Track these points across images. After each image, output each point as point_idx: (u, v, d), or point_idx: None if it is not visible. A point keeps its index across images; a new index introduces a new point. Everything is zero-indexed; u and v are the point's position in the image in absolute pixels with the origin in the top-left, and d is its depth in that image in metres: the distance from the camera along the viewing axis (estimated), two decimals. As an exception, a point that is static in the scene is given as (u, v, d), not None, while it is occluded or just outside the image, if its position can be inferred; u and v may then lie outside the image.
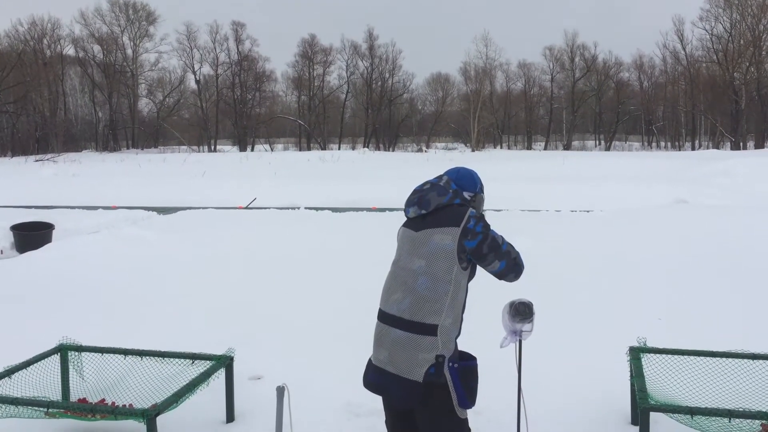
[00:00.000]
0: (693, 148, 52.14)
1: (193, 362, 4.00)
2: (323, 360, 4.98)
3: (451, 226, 2.62)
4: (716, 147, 48.66)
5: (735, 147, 47.08)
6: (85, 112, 59.07)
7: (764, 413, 3.15)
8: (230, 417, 4.03)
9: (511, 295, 3.07)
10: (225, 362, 3.97)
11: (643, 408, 3.25)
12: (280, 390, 3.35)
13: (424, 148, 55.31)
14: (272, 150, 56.10)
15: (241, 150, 54.13)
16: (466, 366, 2.65)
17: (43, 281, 7.74)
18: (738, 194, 17.19)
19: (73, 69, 57.42)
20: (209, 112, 58.77)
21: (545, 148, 58.59)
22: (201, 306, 6.62)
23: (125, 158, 37.78)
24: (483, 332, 3.84)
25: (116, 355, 4.15)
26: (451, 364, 2.58)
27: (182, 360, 4.03)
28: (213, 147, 57.43)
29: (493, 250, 2.64)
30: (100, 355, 4.19)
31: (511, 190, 17.83)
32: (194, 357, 4.03)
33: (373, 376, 2.74)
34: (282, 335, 5.61)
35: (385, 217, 12.55)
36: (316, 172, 26.55)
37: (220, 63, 58.89)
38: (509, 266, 2.69)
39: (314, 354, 5.12)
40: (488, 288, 3.92)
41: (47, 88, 52.21)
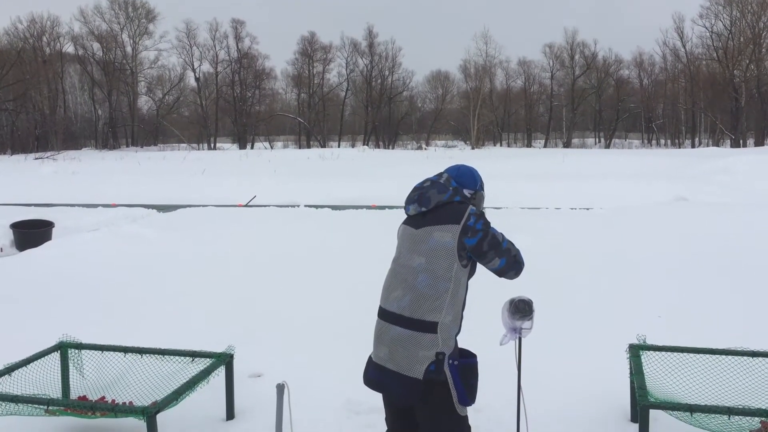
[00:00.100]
0: (693, 146, 52.14)
1: (193, 360, 4.00)
2: (323, 358, 4.98)
3: (452, 224, 2.62)
4: (716, 144, 48.65)
5: (735, 144, 47.10)
6: (85, 110, 59.07)
7: (763, 410, 3.15)
8: (230, 414, 4.04)
9: (511, 293, 3.07)
10: (225, 360, 3.98)
11: (643, 405, 3.25)
12: (280, 387, 3.35)
13: (424, 146, 55.29)
14: (272, 148, 56.08)
15: (241, 148, 54.15)
16: (467, 363, 2.65)
17: (43, 279, 7.74)
18: (738, 192, 17.19)
19: (73, 67, 57.42)
20: (209, 110, 58.76)
21: (545, 146, 58.60)
22: (201, 304, 6.62)
23: (125, 156, 37.78)
24: (483, 330, 3.84)
25: (116, 353, 4.16)
26: (452, 362, 2.58)
27: (182, 357, 4.04)
28: (213, 145, 57.41)
29: (494, 248, 2.64)
30: (100, 353, 4.19)
31: (511, 188, 17.83)
32: (194, 355, 4.03)
33: (374, 374, 2.74)
34: (282, 333, 5.61)
35: (385, 215, 12.55)
36: (316, 170, 26.54)
37: (220, 61, 58.97)
38: (509, 264, 2.70)
39: (314, 352, 5.13)
40: (488, 285, 3.93)
41: (47, 86, 52.21)
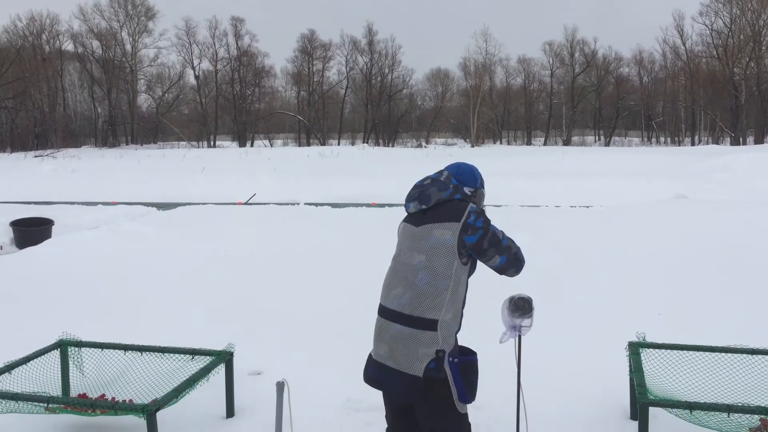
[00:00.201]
0: (693, 144, 52.13)
1: (193, 358, 4.00)
2: (323, 355, 4.98)
3: (452, 222, 2.62)
4: (716, 142, 48.62)
5: (735, 142, 47.09)
6: (84, 108, 59.00)
7: (763, 408, 3.16)
8: (230, 412, 4.04)
9: (511, 291, 3.07)
10: (225, 358, 3.98)
11: (642, 403, 3.26)
12: (280, 385, 3.36)
13: (424, 144, 55.23)
14: (272, 145, 56.04)
15: (241, 146, 54.11)
16: (467, 361, 2.65)
17: (43, 277, 7.74)
18: (737, 189, 17.19)
19: (72, 65, 57.34)
20: (208, 108, 58.69)
21: (545, 144, 58.56)
22: (201, 302, 6.62)
23: (124, 154, 37.74)
24: (483, 327, 3.85)
25: (116, 351, 4.16)
26: (452, 359, 2.59)
27: (182, 355, 4.04)
28: (212, 143, 57.36)
29: (494, 245, 2.64)
30: (100, 351, 4.19)
31: (511, 186, 17.83)
32: (194, 352, 4.03)
33: (374, 371, 2.74)
34: (282, 331, 5.61)
35: (385, 213, 12.55)
36: (316, 168, 26.53)
37: (220, 58, 58.84)
38: (510, 261, 2.70)
39: (314, 349, 5.13)
40: (488, 283, 3.93)
41: (46, 84, 52.14)
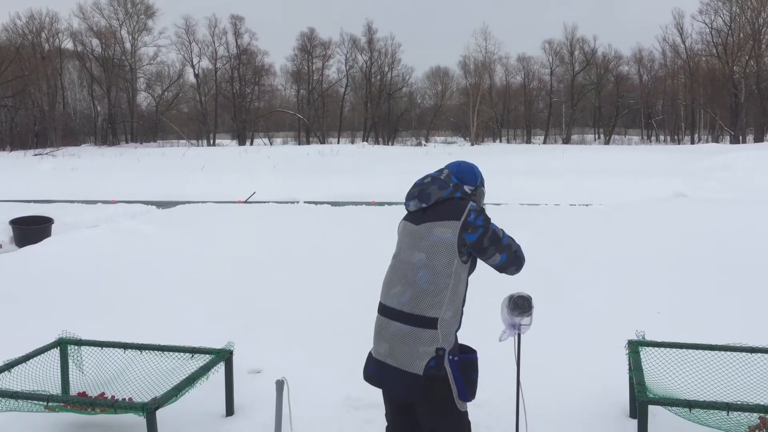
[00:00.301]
0: (692, 142, 52.06)
1: (193, 356, 4.01)
2: (323, 354, 4.98)
3: (452, 220, 2.62)
4: (715, 141, 48.58)
5: (734, 141, 47.05)
6: (84, 106, 58.92)
7: (762, 406, 3.16)
8: (230, 410, 4.04)
9: (511, 289, 3.08)
10: (224, 356, 3.98)
11: (642, 401, 3.26)
12: (280, 383, 3.36)
13: (424, 142, 55.20)
14: (271, 144, 56.01)
15: (240, 144, 54.04)
16: (467, 359, 2.65)
17: (42, 276, 7.74)
18: (737, 188, 17.19)
19: (72, 63, 57.26)
20: (208, 106, 58.62)
21: (544, 142, 58.49)
22: (200, 300, 6.62)
23: (124, 152, 37.70)
24: (483, 325, 3.84)
25: (116, 349, 4.16)
26: (452, 357, 2.59)
27: (181, 354, 4.04)
28: (212, 141, 57.33)
29: (494, 244, 2.64)
30: (100, 349, 4.19)
31: (511, 184, 17.83)
32: (193, 351, 4.03)
33: (374, 369, 2.74)
34: (281, 329, 5.61)
35: (385, 211, 12.54)
36: (315, 166, 26.52)
37: (219, 57, 58.70)
38: (510, 259, 2.70)
39: (314, 348, 5.13)
40: (488, 281, 3.93)
41: (46, 82, 52.05)
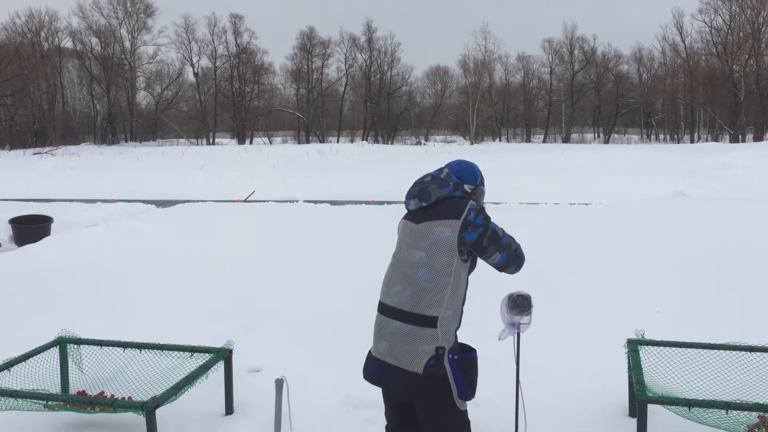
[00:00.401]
0: (692, 141, 52.03)
1: (192, 355, 4.01)
2: (323, 353, 4.98)
3: (452, 219, 2.62)
4: (715, 140, 48.57)
5: (734, 140, 47.04)
6: (83, 105, 58.84)
7: (761, 405, 3.16)
8: (229, 409, 4.04)
9: (510, 288, 3.08)
10: (224, 355, 3.98)
11: (641, 400, 3.26)
12: (279, 382, 3.36)
13: (423, 141, 55.18)
14: (271, 143, 55.96)
15: (240, 143, 53.98)
16: (466, 358, 2.65)
17: (42, 274, 7.74)
18: (737, 187, 17.19)
19: (71, 62, 57.17)
20: (208, 105, 58.56)
21: (544, 141, 58.46)
22: (200, 299, 6.62)
23: (123, 151, 37.68)
24: (483, 324, 3.84)
25: (115, 348, 4.16)
26: (451, 356, 2.59)
27: (181, 353, 4.04)
28: (211, 140, 57.31)
29: (494, 242, 2.64)
30: (99, 348, 4.19)
31: (510, 183, 17.83)
32: (193, 350, 4.03)
33: (373, 368, 2.74)
34: (281, 328, 5.61)
35: (384, 210, 12.54)
36: (315, 165, 26.51)
37: (219, 56, 58.61)
38: (510, 258, 2.70)
39: (314, 347, 5.12)
40: (488, 280, 3.93)
41: (45, 81, 51.95)
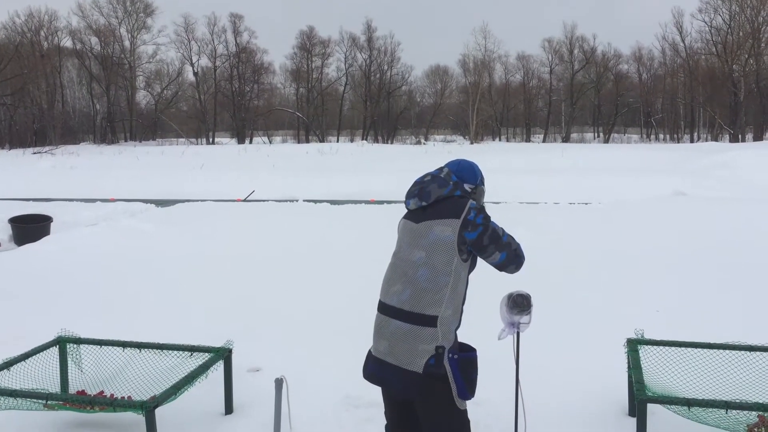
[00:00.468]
0: (692, 141, 52.03)
1: (192, 354, 4.01)
2: (322, 352, 4.98)
3: (452, 218, 2.62)
4: (715, 139, 48.58)
5: (734, 139, 47.04)
6: (83, 105, 58.81)
7: (761, 404, 3.16)
8: (229, 409, 4.04)
9: (510, 287, 3.08)
10: (223, 354, 3.98)
11: (641, 399, 3.26)
12: (279, 382, 3.36)
13: (423, 141, 55.18)
14: (270, 142, 55.96)
15: (240, 142, 53.98)
16: (466, 357, 2.65)
17: (42, 274, 7.73)
18: (737, 186, 17.19)
19: (71, 61, 57.13)
20: (207, 105, 58.55)
21: (544, 141, 58.48)
22: (199, 298, 6.62)
23: (123, 150, 37.67)
24: (483, 324, 3.84)
25: (115, 348, 4.16)
26: (451, 355, 2.59)
27: (181, 352, 4.04)
28: (211, 139, 57.30)
29: (494, 242, 2.64)
30: (99, 348, 4.19)
31: (510, 183, 17.83)
32: (193, 349, 4.03)
33: (373, 367, 2.74)
34: (281, 328, 5.61)
35: (384, 210, 12.54)
36: (315, 165, 26.51)
37: (218, 55, 58.60)
38: (510, 258, 2.70)
39: (313, 346, 5.12)
40: (488, 280, 3.93)
41: (45, 80, 51.92)
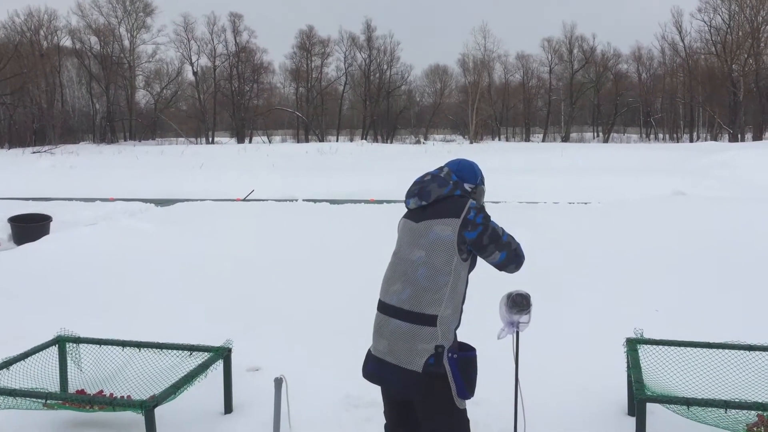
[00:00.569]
0: (691, 140, 52.05)
1: (191, 354, 4.01)
2: (322, 352, 4.98)
3: (452, 217, 2.62)
4: (714, 139, 48.61)
5: (733, 139, 47.05)
6: (83, 104, 58.77)
7: (760, 404, 3.16)
8: (228, 408, 4.04)
9: (510, 287, 3.07)
10: (223, 354, 3.98)
11: (640, 399, 3.26)
12: (278, 381, 3.37)
13: (422, 140, 55.17)
14: (270, 142, 55.95)
15: (239, 142, 53.95)
16: (466, 357, 2.65)
17: (41, 273, 7.73)
18: (736, 186, 17.19)
19: (70, 60, 57.10)
20: (207, 104, 58.56)
21: (543, 140, 58.48)
22: (199, 298, 6.61)
23: (123, 150, 37.64)
24: (483, 323, 3.84)
25: (114, 347, 4.16)
26: (451, 355, 2.59)
27: (180, 351, 4.04)
28: (211, 139, 57.29)
29: (494, 241, 2.64)
30: (98, 347, 4.19)
31: (510, 182, 17.83)
32: (192, 348, 4.03)
33: (373, 367, 2.74)
34: (280, 327, 5.61)
35: (384, 209, 12.54)
36: (314, 164, 26.50)
37: (218, 54, 58.61)
38: (510, 257, 2.70)
39: (313, 346, 5.12)
40: (487, 279, 3.93)
41: (44, 80, 51.88)
